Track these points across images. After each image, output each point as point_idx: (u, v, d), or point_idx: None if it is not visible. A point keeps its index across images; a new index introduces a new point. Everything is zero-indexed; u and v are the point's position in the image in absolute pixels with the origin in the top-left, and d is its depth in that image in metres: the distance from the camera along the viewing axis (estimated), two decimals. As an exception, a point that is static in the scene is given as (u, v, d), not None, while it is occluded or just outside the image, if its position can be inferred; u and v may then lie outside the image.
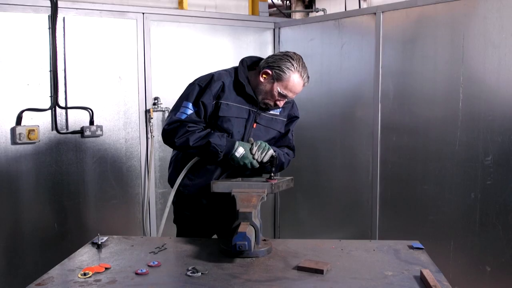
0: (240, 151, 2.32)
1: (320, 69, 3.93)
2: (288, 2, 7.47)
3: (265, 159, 2.35)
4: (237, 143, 2.34)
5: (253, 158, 2.33)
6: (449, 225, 3.20)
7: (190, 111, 2.35)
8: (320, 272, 1.85)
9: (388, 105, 3.50)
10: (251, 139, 2.40)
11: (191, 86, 2.44)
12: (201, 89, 2.39)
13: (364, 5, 7.09)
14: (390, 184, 3.53)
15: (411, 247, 2.17)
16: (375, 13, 3.52)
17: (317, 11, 6.63)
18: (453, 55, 3.11)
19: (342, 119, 3.85)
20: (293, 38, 4.19)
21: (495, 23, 2.91)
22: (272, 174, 2.34)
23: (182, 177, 2.45)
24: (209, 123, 2.42)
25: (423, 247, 2.17)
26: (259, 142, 2.36)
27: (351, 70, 3.74)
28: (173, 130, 2.35)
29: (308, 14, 7.03)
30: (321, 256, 2.05)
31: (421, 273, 1.81)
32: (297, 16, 7.01)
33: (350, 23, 3.74)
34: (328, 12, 6.14)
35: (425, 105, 3.30)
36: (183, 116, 2.35)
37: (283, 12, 6.20)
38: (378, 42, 3.51)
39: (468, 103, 3.06)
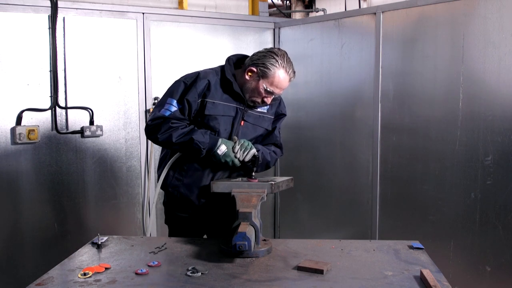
0: (222, 148, 2.32)
1: (320, 69, 3.93)
2: (288, 2, 7.48)
3: (247, 158, 2.35)
4: (219, 140, 2.34)
5: (235, 157, 2.34)
6: (449, 225, 3.20)
7: (174, 108, 2.35)
8: (320, 272, 1.85)
9: (388, 105, 3.50)
10: (235, 137, 2.39)
11: (176, 83, 2.43)
12: (186, 87, 2.38)
13: (364, 5, 7.09)
14: (390, 184, 3.53)
15: (411, 247, 2.17)
16: (375, 13, 3.52)
17: (317, 11, 6.64)
18: (453, 55, 3.11)
19: (342, 119, 3.85)
20: (293, 38, 4.19)
21: (495, 23, 2.91)
22: (253, 174, 2.34)
23: (165, 173, 2.45)
24: (195, 121, 2.41)
25: (423, 247, 2.17)
26: (242, 141, 2.36)
27: (351, 70, 3.74)
28: (156, 126, 2.35)
29: (308, 14, 7.04)
30: (321, 256, 2.05)
31: (421, 273, 1.81)
32: (297, 16, 7.02)
33: (350, 23, 3.74)
34: (328, 12, 6.15)
35: (425, 105, 3.30)
36: (167, 113, 2.35)
37: (283, 12, 6.20)
38: (378, 42, 3.51)
39: (468, 103, 3.06)
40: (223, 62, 2.53)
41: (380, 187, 3.58)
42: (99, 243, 2.19)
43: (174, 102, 2.36)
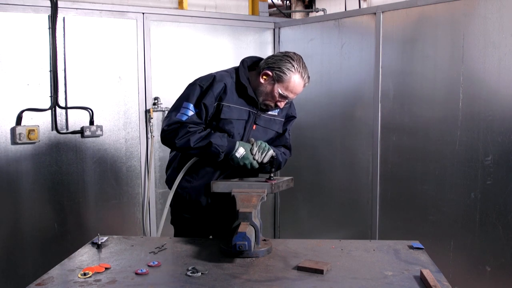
0: (240, 151, 2.31)
1: (320, 69, 3.93)
2: (288, 2, 7.47)
3: (265, 160, 2.34)
4: (237, 143, 2.32)
5: (253, 159, 2.32)
6: (449, 225, 3.20)
7: (191, 113, 2.32)
8: (320, 272, 1.85)
9: (388, 105, 3.50)
10: (252, 139, 2.38)
11: (191, 87, 2.40)
12: (202, 90, 2.35)
13: (364, 5, 7.09)
14: (390, 184, 3.53)
15: (411, 247, 2.17)
16: (375, 13, 3.53)
17: (317, 11, 6.63)
18: (453, 55, 3.11)
19: (342, 119, 3.85)
20: (293, 38, 4.19)
21: (495, 23, 2.91)
22: (272, 175, 2.33)
23: (180, 177, 2.43)
24: (209, 125, 2.39)
25: (423, 247, 2.17)
26: (259, 143, 2.35)
27: (351, 70, 3.74)
28: (173, 131, 2.31)
29: (308, 14, 7.04)
30: (321, 256, 2.05)
31: (421, 273, 1.81)
32: (297, 16, 7.01)
33: (350, 23, 3.74)
34: (328, 12, 6.14)
35: (425, 105, 3.30)
36: (184, 118, 2.31)
37: (283, 12, 6.20)
38: (378, 42, 3.51)
39: (468, 103, 3.06)
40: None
41: (380, 187, 3.58)
42: (99, 243, 2.19)
43: (191, 106, 2.33)
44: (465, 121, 3.08)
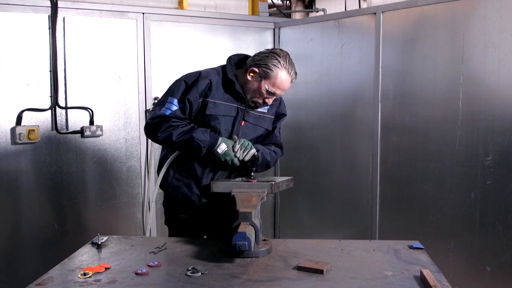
0: (222, 147, 2.32)
1: (320, 69, 3.93)
2: (288, 2, 7.48)
3: (247, 158, 2.34)
4: (220, 139, 2.34)
5: (235, 156, 2.33)
6: (449, 225, 3.20)
7: (175, 108, 2.35)
8: (320, 272, 1.85)
9: (388, 105, 3.50)
10: (235, 136, 2.39)
11: (177, 82, 2.42)
12: (187, 86, 2.38)
13: (364, 5, 7.10)
14: (390, 184, 3.53)
15: (411, 247, 2.17)
16: (375, 13, 3.53)
17: (317, 11, 6.64)
18: (453, 55, 3.11)
19: (342, 119, 3.85)
20: (293, 38, 4.19)
21: (495, 23, 2.91)
22: (252, 174, 2.34)
23: (164, 170, 2.45)
24: (195, 121, 2.41)
25: (423, 247, 2.17)
26: (242, 140, 2.36)
27: (351, 70, 3.74)
28: (156, 125, 2.34)
29: (308, 14, 7.05)
30: (321, 256, 2.05)
31: (421, 273, 1.81)
32: (297, 16, 7.02)
33: (350, 23, 3.74)
34: (328, 12, 6.15)
35: (425, 105, 3.30)
36: (168, 112, 2.34)
37: (283, 12, 6.20)
38: (378, 42, 3.51)
39: (468, 103, 3.06)
40: (223, 62, 2.53)
41: (380, 187, 3.58)
42: (99, 243, 2.19)
43: (175, 101, 2.36)
44: (465, 121, 3.08)
